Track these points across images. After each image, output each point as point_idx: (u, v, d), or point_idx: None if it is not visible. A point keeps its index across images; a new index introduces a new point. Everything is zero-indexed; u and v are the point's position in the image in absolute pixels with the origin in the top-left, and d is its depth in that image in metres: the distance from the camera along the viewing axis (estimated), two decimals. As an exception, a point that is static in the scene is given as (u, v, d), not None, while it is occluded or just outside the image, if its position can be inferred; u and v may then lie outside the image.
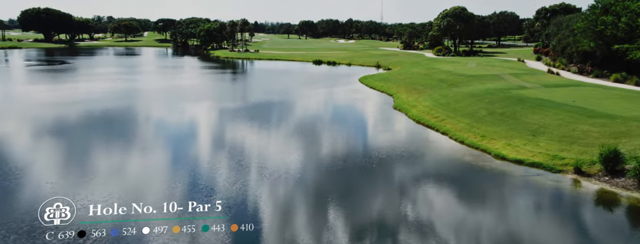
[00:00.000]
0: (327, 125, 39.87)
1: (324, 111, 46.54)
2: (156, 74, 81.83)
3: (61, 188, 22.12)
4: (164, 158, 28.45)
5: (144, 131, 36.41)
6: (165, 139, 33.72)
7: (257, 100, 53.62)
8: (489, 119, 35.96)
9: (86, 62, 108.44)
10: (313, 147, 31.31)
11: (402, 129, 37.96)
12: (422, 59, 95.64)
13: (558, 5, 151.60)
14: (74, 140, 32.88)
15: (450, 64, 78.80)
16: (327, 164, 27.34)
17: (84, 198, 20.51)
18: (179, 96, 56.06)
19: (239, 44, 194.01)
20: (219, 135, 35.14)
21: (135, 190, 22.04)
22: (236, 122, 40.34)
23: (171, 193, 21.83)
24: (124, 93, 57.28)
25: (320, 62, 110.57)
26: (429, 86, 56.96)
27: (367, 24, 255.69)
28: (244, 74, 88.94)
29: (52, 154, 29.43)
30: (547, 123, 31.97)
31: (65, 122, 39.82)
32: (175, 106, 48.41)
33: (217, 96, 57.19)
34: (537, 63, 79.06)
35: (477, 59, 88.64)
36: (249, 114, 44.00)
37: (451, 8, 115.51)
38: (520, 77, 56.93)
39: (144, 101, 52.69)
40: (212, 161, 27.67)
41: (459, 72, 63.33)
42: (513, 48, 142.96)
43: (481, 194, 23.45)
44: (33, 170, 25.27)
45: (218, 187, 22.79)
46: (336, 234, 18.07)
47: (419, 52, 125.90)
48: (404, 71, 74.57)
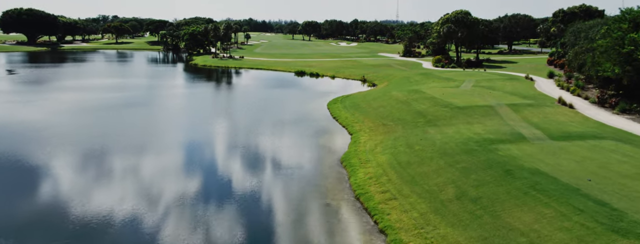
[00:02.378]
0: (214, 204, 27.21)
1: (228, 172, 33.63)
2: (81, 91, 70.04)
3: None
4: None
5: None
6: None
7: (141, 141, 41.22)
8: (454, 209, 23.01)
9: (36, 72, 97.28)
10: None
11: (330, 215, 25.19)
12: (414, 74, 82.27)
13: (577, 7, 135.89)
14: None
15: (442, 84, 65.44)
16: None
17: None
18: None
19: (232, 47, 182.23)
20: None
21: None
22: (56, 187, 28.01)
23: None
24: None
25: (302, 73, 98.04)
26: (402, 122, 43.98)
27: (373, 25, 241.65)
28: (192, 89, 76.72)
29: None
30: (544, 236, 18.97)
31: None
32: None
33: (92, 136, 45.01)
34: (548, 82, 65.19)
35: (477, 75, 74.99)
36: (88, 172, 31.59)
37: (453, 12, 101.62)
38: (521, 111, 43.52)
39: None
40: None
41: (446, 100, 50.15)
42: (526, 55, 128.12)
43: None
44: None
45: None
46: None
47: (417, 61, 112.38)
48: (384, 92, 61.52)
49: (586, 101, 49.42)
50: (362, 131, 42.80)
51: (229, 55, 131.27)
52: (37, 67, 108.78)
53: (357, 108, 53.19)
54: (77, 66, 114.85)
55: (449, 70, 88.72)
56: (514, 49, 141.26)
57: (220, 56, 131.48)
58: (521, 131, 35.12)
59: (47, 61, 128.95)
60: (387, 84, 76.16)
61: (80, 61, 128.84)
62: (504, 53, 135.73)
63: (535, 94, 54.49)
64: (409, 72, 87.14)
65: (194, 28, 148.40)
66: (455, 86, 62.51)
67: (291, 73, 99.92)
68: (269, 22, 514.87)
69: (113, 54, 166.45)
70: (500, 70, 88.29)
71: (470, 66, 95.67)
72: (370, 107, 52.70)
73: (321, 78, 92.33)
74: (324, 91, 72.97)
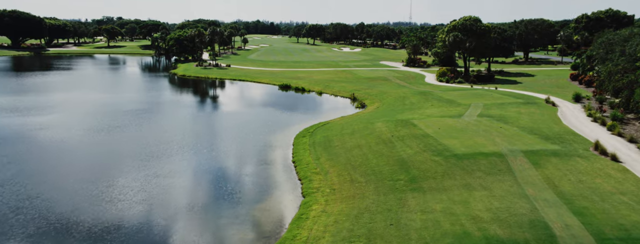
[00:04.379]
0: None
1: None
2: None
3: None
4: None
5: None
6: None
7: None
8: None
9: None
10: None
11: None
12: (412, 92, 69.65)
13: (603, 12, 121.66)
14: None
15: (441, 110, 52.87)
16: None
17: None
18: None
19: (226, 53, 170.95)
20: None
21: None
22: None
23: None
24: None
25: (287, 87, 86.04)
26: (376, 178, 31.72)
27: (379, 30, 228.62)
28: (133, 114, 64.84)
29: None
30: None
31: None
32: None
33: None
34: (576, 109, 52.23)
35: (487, 96, 62.18)
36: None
37: (460, 18, 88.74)
38: (544, 166, 30.92)
39: None
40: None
41: (442, 141, 37.72)
42: (545, 65, 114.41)
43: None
44: None
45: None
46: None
47: (420, 72, 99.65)
48: (368, 122, 49.19)
49: (634, 145, 36.48)
50: (320, 193, 30.56)
51: (216, 64, 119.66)
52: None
53: (327, 148, 40.93)
54: (42, 75, 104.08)
55: (454, 87, 75.95)
56: (530, 58, 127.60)
57: (206, 64, 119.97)
58: (547, 219, 22.50)
59: (17, 69, 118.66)
60: (377, 106, 63.74)
61: (53, 69, 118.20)
62: (520, 62, 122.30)
63: (560, 130, 41.65)
64: (407, 89, 74.51)
65: (180, 33, 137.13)
66: (457, 114, 49.87)
67: (276, 87, 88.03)
68: (278, 24, 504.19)
69: (96, 59, 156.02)
70: (515, 87, 75.26)
71: (480, 81, 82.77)
72: (343, 147, 40.39)
73: (307, 94, 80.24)
74: (301, 114, 60.79)
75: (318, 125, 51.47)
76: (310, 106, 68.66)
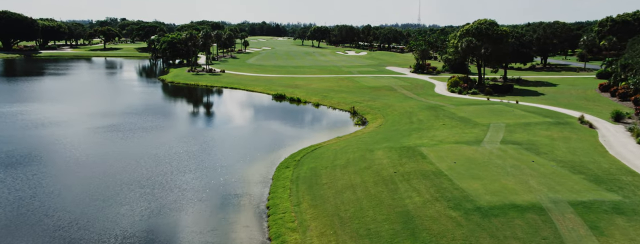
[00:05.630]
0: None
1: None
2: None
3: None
4: None
5: None
6: None
7: None
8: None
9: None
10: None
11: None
12: (419, 107, 60.78)
13: (630, 14, 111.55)
14: None
15: (455, 133, 43.99)
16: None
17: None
18: None
19: (225, 56, 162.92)
20: None
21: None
22: None
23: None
24: None
25: (282, 97, 77.54)
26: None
27: (386, 32, 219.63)
28: (97, 130, 56.48)
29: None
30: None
31: None
32: None
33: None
34: (619, 132, 43.06)
35: (507, 114, 53.20)
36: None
37: (475, 22, 79.74)
38: (606, 230, 22.13)
39: None
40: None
41: (458, 184, 28.99)
42: (565, 72, 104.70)
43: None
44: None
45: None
46: None
47: (429, 81, 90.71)
48: (366, 149, 40.51)
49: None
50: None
51: (209, 69, 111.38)
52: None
53: (312, 186, 32.30)
54: (14, 82, 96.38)
55: (468, 99, 66.97)
56: (548, 64, 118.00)
57: (200, 69, 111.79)
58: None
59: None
60: (380, 123, 55.02)
61: (32, 74, 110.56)
62: (537, 69, 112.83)
63: (610, 166, 32.65)
64: (414, 102, 65.64)
65: (174, 35, 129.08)
66: (475, 138, 40.99)
67: (269, 96, 79.62)
68: (284, 26, 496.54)
69: (86, 63, 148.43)
70: (538, 100, 66.17)
71: (497, 92, 73.71)
72: (333, 186, 31.72)
73: (302, 105, 71.74)
74: (291, 133, 52.26)
75: (308, 149, 42.94)
76: (304, 122, 60.12)
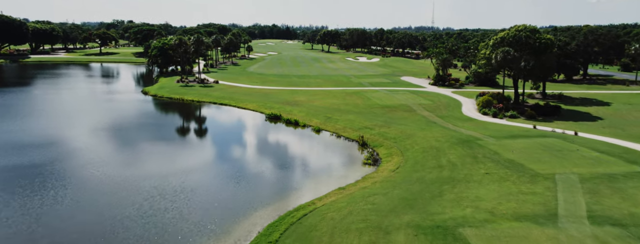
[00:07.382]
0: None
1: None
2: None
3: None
4: None
5: None
6: None
7: None
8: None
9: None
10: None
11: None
12: (449, 141, 46.81)
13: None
14: None
15: (505, 193, 30.27)
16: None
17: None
18: None
19: (226, 62, 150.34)
20: None
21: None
22: None
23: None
24: None
25: (277, 118, 64.40)
26: None
27: (400, 36, 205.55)
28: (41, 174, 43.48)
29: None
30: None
31: None
32: None
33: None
34: None
35: (571, 153, 39.13)
36: None
37: (511, 29, 65.65)
38: None
39: None
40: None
41: None
42: (612, 87, 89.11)
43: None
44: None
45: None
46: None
47: (453, 96, 76.65)
48: (377, 229, 27.09)
49: None
50: None
51: (201, 79, 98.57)
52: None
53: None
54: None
55: (509, 126, 53.03)
56: (588, 75, 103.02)
57: (192, 79, 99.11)
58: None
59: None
60: (397, 164, 41.33)
61: (7, 84, 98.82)
62: (576, 81, 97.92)
63: None
64: (439, 129, 51.74)
65: (165, 40, 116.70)
66: (543, 210, 27.23)
67: (263, 116, 66.58)
68: (294, 29, 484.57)
69: (75, 69, 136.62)
70: (599, 128, 52.01)
71: (541, 114, 59.69)
72: None
73: (300, 129, 58.60)
74: (276, 180, 38.92)
75: (293, 217, 29.69)
76: (298, 158, 46.58)
